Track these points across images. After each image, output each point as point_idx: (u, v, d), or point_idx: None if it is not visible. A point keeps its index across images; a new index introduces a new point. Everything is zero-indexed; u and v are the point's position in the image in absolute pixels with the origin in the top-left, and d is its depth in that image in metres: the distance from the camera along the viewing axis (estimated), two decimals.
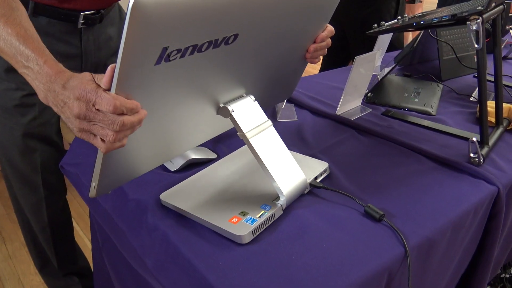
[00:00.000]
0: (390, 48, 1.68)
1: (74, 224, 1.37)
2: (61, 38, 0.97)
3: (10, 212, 1.98)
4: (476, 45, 0.91)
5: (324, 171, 0.88)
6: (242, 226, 0.69)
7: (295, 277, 0.62)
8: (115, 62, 0.48)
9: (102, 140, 0.54)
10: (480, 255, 0.94)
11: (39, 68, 0.60)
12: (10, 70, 0.94)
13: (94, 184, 0.64)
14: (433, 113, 1.21)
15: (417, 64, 1.65)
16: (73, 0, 0.93)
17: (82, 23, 0.97)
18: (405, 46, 1.57)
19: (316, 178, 0.85)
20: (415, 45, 1.39)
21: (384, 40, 1.55)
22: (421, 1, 3.98)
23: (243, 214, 0.72)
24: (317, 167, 0.87)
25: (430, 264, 0.77)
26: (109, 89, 0.52)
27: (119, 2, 1.11)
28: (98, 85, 0.53)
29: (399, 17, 1.09)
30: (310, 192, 0.83)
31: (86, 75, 0.56)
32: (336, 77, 1.49)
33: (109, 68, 0.51)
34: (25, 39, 0.63)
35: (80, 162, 0.94)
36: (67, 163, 0.95)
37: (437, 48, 1.46)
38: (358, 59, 1.07)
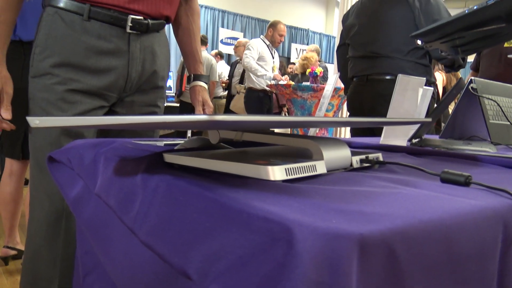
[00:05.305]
0: None
1: None
2: (111, 40, 1.05)
3: None
4: None
5: (377, 158, 0.67)
6: (272, 164, 0.48)
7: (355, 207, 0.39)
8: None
9: None
10: None
11: None
12: (56, 65, 1.00)
13: None
14: (493, 151, 1.02)
15: (458, 140, 1.50)
16: (137, 1, 1.04)
17: (131, 27, 1.04)
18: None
19: (367, 157, 0.65)
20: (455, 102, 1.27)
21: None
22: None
23: (274, 160, 0.52)
24: (368, 152, 0.68)
25: None
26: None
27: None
28: None
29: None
30: (360, 170, 0.62)
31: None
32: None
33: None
34: None
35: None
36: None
37: (481, 110, 1.33)
38: (401, 77, 0.95)
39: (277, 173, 0.47)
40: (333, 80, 1.08)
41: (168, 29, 1.29)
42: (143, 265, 0.54)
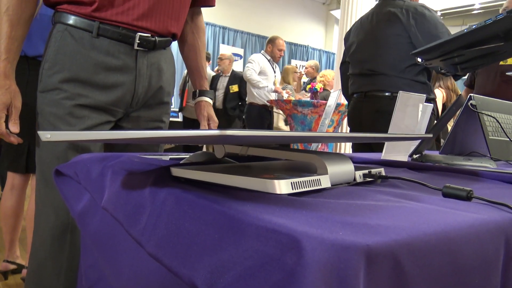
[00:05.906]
0: None
1: None
2: (119, 56, 1.07)
3: None
4: None
5: (379, 172, 0.69)
6: (278, 178, 0.50)
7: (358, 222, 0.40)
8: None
9: None
10: None
11: None
12: (65, 81, 1.02)
13: None
14: (493, 166, 1.03)
15: (458, 155, 1.51)
16: (145, 18, 1.06)
17: (138, 44, 1.07)
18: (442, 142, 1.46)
19: (370, 172, 0.66)
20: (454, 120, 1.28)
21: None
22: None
23: (279, 174, 0.53)
24: (371, 167, 0.69)
25: None
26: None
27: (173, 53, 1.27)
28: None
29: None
30: (363, 184, 0.63)
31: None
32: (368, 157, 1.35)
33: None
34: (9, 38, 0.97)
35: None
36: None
37: (480, 127, 1.35)
38: (402, 93, 0.97)
39: (283, 186, 0.48)
40: (335, 96, 1.10)
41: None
42: (149, 277, 0.55)
